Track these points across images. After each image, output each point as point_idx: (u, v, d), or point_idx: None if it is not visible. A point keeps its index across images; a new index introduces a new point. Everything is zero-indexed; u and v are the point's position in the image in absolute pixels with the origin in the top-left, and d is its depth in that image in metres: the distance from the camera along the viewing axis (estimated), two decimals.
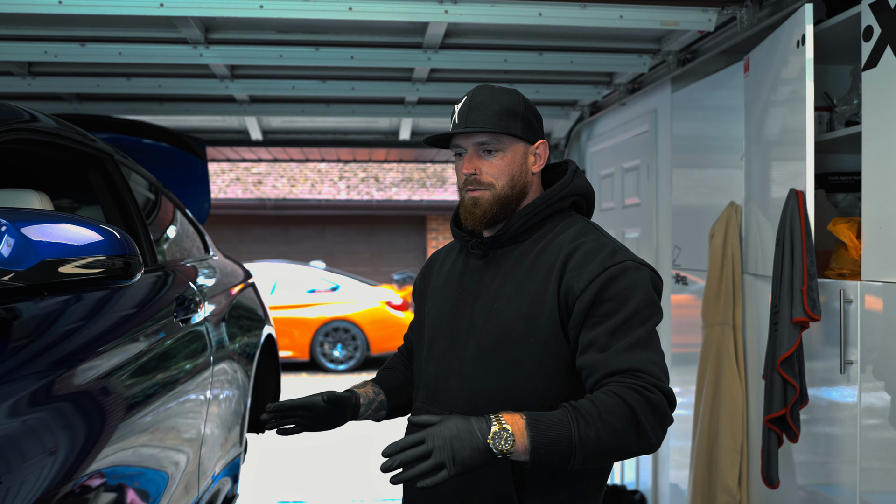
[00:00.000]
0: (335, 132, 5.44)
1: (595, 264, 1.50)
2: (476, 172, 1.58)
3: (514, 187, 1.60)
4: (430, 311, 1.71)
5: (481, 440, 1.32)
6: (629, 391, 1.39)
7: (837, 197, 3.01)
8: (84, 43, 3.24)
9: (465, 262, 1.69)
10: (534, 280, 1.55)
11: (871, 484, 2.39)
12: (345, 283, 11.51)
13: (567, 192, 1.64)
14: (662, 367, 1.45)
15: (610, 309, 1.47)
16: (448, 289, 1.69)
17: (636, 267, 1.52)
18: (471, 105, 1.58)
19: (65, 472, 1.46)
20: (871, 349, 2.36)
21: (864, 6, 2.37)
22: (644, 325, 1.47)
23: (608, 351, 1.44)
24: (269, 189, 14.81)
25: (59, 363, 1.59)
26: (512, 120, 1.58)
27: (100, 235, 1.62)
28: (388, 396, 1.80)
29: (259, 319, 3.68)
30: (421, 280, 1.83)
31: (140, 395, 1.96)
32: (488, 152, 1.58)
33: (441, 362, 1.63)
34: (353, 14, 2.67)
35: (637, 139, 4.33)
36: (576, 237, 1.57)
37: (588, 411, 1.37)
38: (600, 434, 1.35)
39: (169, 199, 3.18)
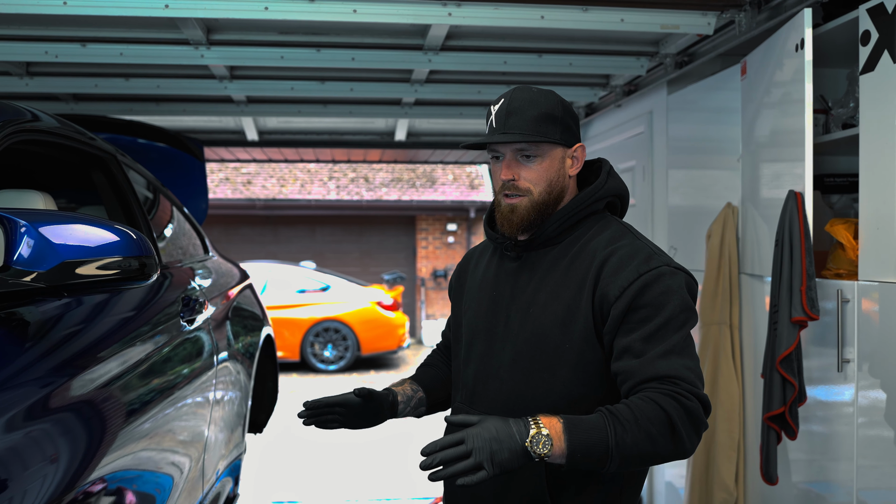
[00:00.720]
0: (331, 132, 5.44)
1: (630, 270, 1.49)
2: (514, 178, 1.57)
3: (551, 193, 1.59)
4: (466, 313, 1.72)
5: (519, 443, 1.33)
6: (666, 398, 1.39)
7: (832, 198, 3.06)
8: (85, 43, 3.24)
9: (500, 263, 1.69)
10: (569, 286, 1.55)
11: (867, 481, 2.43)
12: (335, 283, 11.50)
13: (601, 194, 1.63)
14: (698, 373, 1.45)
15: (645, 315, 1.46)
16: (483, 290, 1.69)
17: (671, 272, 1.51)
18: (509, 109, 1.56)
19: (70, 478, 1.46)
20: (868, 348, 2.40)
21: (861, 11, 2.41)
22: (679, 331, 1.46)
23: (643, 357, 1.44)
24: (258, 189, 14.77)
25: (66, 365, 1.58)
26: (550, 125, 1.56)
27: (116, 236, 1.63)
28: (426, 393, 1.82)
29: (259, 320, 3.69)
30: (457, 279, 1.84)
31: (147, 397, 1.96)
32: (527, 158, 1.57)
33: (479, 365, 1.64)
34: (357, 16, 2.69)
35: (633, 140, 4.37)
36: (610, 241, 1.56)
37: (625, 416, 1.37)
38: (637, 439, 1.36)
39: (169, 199, 3.18)
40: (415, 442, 6.31)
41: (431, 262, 14.99)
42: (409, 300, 14.85)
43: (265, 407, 4.04)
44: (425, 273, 14.92)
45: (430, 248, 15.03)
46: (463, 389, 1.69)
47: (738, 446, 3.12)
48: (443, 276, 14.75)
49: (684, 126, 3.80)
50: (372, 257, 15.06)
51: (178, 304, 2.42)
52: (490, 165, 1.66)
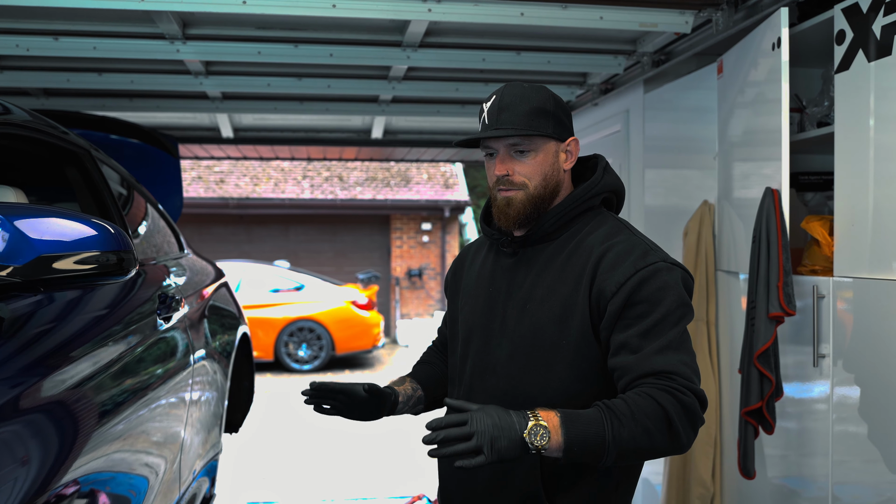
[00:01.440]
0: (307, 130, 5.41)
1: (627, 266, 1.50)
2: (509, 174, 1.57)
3: (546, 187, 1.59)
4: (463, 309, 1.72)
5: (518, 433, 1.34)
6: (662, 393, 1.40)
7: (807, 196, 3.10)
8: (57, 37, 3.18)
9: (496, 259, 1.69)
10: (565, 282, 1.55)
11: (842, 475, 2.47)
12: (309, 282, 11.44)
13: (598, 189, 1.63)
14: (694, 369, 1.46)
15: (642, 311, 1.47)
16: (480, 287, 1.69)
17: (668, 268, 1.51)
18: (501, 105, 1.57)
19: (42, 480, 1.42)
20: (843, 343, 2.44)
21: (836, 11, 2.45)
22: (676, 327, 1.47)
23: (640, 353, 1.45)
24: (231, 188, 14.64)
25: (38, 364, 1.55)
26: (543, 119, 1.57)
27: (94, 230, 1.60)
28: (425, 391, 1.82)
29: (235, 318, 3.66)
30: (452, 276, 1.83)
31: (122, 397, 1.92)
32: (520, 153, 1.57)
33: (476, 361, 1.65)
34: (336, 11, 2.67)
35: (609, 139, 4.39)
36: (607, 237, 1.57)
37: (622, 411, 1.38)
38: (633, 434, 1.37)
39: (144, 196, 3.14)
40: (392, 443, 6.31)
41: (406, 261, 14.97)
42: (384, 299, 14.81)
43: (241, 407, 4.00)
44: (400, 272, 14.89)
45: (405, 248, 15.01)
46: (460, 385, 1.69)
47: (715, 442, 3.15)
48: (417, 275, 14.73)
49: (660, 125, 3.82)
50: (346, 257, 15.00)
51: (153, 302, 2.38)
52: (485, 162, 1.66)
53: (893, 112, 2.24)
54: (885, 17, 2.25)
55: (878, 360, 2.28)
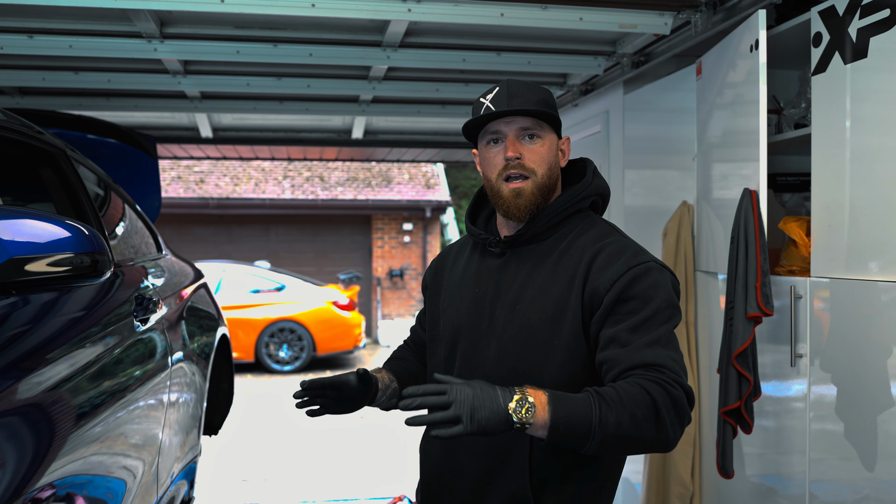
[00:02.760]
0: (287, 130, 5.38)
1: (620, 264, 1.51)
2: (520, 157, 1.56)
3: (551, 177, 1.59)
4: (445, 311, 1.70)
5: (502, 405, 1.31)
6: (652, 384, 1.39)
7: (784, 197, 3.12)
8: (32, 35, 3.13)
9: (482, 260, 1.67)
10: (557, 282, 1.54)
11: (819, 473, 2.49)
12: (290, 283, 11.39)
13: (588, 191, 1.63)
14: (682, 366, 1.46)
15: (633, 307, 1.47)
16: (464, 288, 1.67)
17: (659, 268, 1.53)
18: (510, 93, 1.57)
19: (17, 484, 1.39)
20: (820, 343, 2.46)
21: (813, 13, 2.47)
22: (665, 325, 1.47)
23: (630, 346, 1.44)
24: (211, 188, 14.54)
25: (12, 367, 1.52)
26: (551, 110, 1.59)
27: (68, 232, 1.58)
28: (400, 384, 1.79)
29: (214, 319, 3.63)
30: (432, 277, 1.81)
31: (98, 400, 1.90)
32: (531, 137, 1.57)
33: (463, 363, 1.63)
34: (315, 10, 2.65)
35: (589, 140, 4.41)
36: (598, 239, 1.57)
37: (611, 397, 1.36)
38: (620, 420, 1.35)
39: (121, 196, 3.11)
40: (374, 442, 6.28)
41: (387, 261, 14.94)
42: (365, 300, 14.77)
43: (221, 408, 3.97)
44: (381, 273, 14.86)
45: (386, 248, 14.98)
46: None
47: (695, 441, 3.17)
48: (398, 275, 14.71)
49: (640, 126, 3.84)
50: (327, 257, 14.94)
51: (130, 304, 2.35)
52: (481, 153, 1.64)
53: (869, 114, 2.26)
54: (861, 19, 2.27)
55: (854, 359, 2.30)
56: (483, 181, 1.66)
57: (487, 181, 1.63)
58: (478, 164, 1.69)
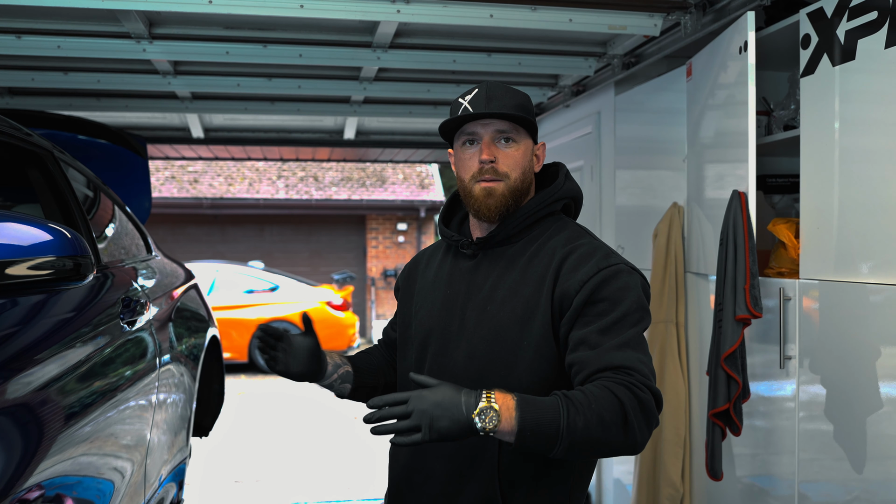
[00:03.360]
0: (278, 130, 5.36)
1: (590, 266, 1.51)
2: (494, 160, 1.56)
3: (524, 182, 1.59)
4: (418, 313, 1.70)
5: (465, 413, 1.32)
6: (620, 386, 1.39)
7: (774, 198, 3.12)
8: (20, 35, 3.12)
9: (454, 262, 1.68)
10: (527, 283, 1.55)
11: (808, 474, 2.49)
12: (284, 283, 11.37)
13: (560, 194, 1.64)
14: (651, 369, 1.46)
15: (603, 309, 1.48)
16: (437, 290, 1.68)
17: (629, 271, 1.53)
18: (489, 95, 1.57)
19: (4, 486, 1.39)
20: (809, 345, 2.46)
21: (802, 15, 2.47)
22: (634, 327, 1.47)
23: (599, 348, 1.44)
24: (205, 188, 14.51)
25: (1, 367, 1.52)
26: (528, 115, 1.59)
27: (49, 235, 1.57)
28: (355, 372, 1.79)
29: (203, 321, 3.61)
30: (405, 280, 1.81)
31: (85, 401, 1.89)
32: (506, 141, 1.57)
33: (433, 365, 1.63)
34: (304, 11, 2.64)
35: (581, 140, 4.40)
36: (568, 241, 1.58)
37: (579, 400, 1.36)
38: (588, 423, 1.35)
39: (110, 197, 3.09)
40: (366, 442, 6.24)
41: (382, 261, 14.93)
42: (360, 300, 14.76)
43: (211, 410, 3.96)
44: (375, 273, 14.85)
45: (381, 248, 14.97)
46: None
47: (685, 443, 3.17)
48: (393, 275, 14.70)
49: (631, 126, 3.84)
50: (322, 257, 14.93)
51: (118, 306, 2.34)
52: (456, 153, 1.64)
53: (858, 116, 2.26)
54: (849, 21, 2.27)
55: (843, 361, 2.30)
56: (457, 182, 1.67)
57: (461, 182, 1.63)
58: (453, 165, 1.69)
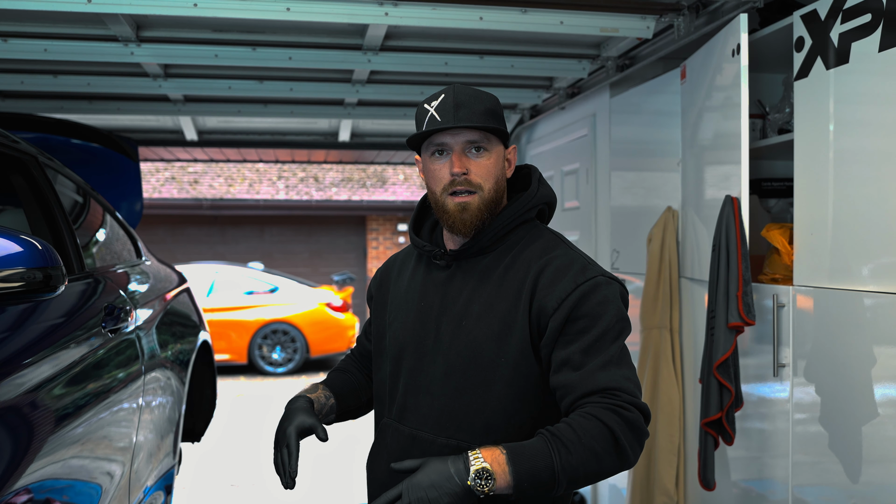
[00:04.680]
0: (273, 133, 5.33)
1: (567, 281, 1.47)
2: (467, 172, 1.51)
3: (497, 191, 1.55)
4: (391, 325, 1.65)
5: (459, 484, 1.32)
6: (607, 412, 1.37)
7: (770, 202, 3.08)
8: (7, 38, 3.09)
9: (427, 272, 1.63)
10: (503, 298, 1.51)
11: (802, 482, 2.45)
12: (283, 284, 11.34)
13: (535, 202, 1.59)
14: (636, 383, 1.45)
15: (583, 326, 1.45)
16: (409, 301, 1.63)
17: (606, 282, 1.49)
18: (457, 101, 1.51)
19: None
20: (803, 352, 2.42)
21: (795, 17, 2.43)
22: (616, 342, 1.45)
23: (583, 370, 1.42)
24: (205, 189, 14.49)
25: None
26: (498, 121, 1.54)
27: (19, 246, 1.54)
28: (337, 400, 1.75)
29: (194, 325, 3.58)
30: (377, 288, 1.75)
31: (67, 409, 1.87)
32: (477, 150, 1.52)
33: (408, 379, 1.59)
34: (290, 14, 2.61)
35: (576, 143, 4.36)
36: (544, 251, 1.54)
37: (568, 437, 1.35)
38: (582, 459, 1.34)
39: (98, 202, 3.06)
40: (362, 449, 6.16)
41: (382, 262, 14.88)
42: (360, 301, 14.73)
43: (203, 415, 3.93)
44: None
45: (381, 249, 14.94)
46: (391, 404, 1.62)
47: (679, 450, 3.13)
48: None
49: (627, 128, 3.80)
50: (322, 258, 14.90)
51: (101, 312, 2.31)
52: (425, 164, 1.57)
53: (852, 120, 2.22)
54: (843, 24, 2.23)
55: (837, 369, 2.26)
56: (428, 192, 1.60)
57: (432, 193, 1.57)
58: (419, 172, 1.63)
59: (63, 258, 2.37)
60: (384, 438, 1.63)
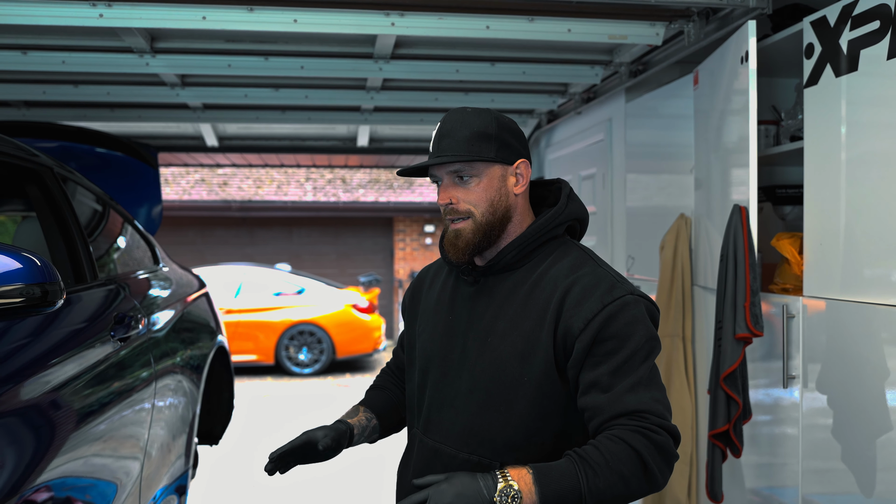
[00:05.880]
0: (292, 138, 5.36)
1: (593, 301, 1.45)
2: (452, 202, 1.52)
3: (495, 213, 1.53)
4: (420, 336, 1.66)
5: (487, 498, 1.32)
6: (635, 435, 1.36)
7: (785, 209, 3.04)
8: (26, 51, 3.15)
9: (456, 286, 1.63)
10: (528, 316, 1.50)
11: (812, 496, 2.41)
12: (310, 285, 11.42)
13: (562, 219, 1.57)
14: (665, 404, 1.43)
15: (611, 348, 1.42)
16: (439, 314, 1.64)
17: (635, 301, 1.46)
18: (441, 132, 1.53)
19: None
20: (813, 364, 2.38)
21: (805, 23, 2.39)
22: (645, 362, 1.43)
23: (611, 392, 1.41)
24: (234, 190, 14.64)
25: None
26: (484, 143, 1.51)
27: (18, 263, 1.57)
28: (379, 420, 1.77)
29: (210, 330, 3.62)
30: (410, 298, 1.77)
31: (75, 416, 1.91)
32: (463, 179, 1.52)
33: (434, 393, 1.59)
34: (298, 26, 2.63)
35: (593, 148, 4.34)
36: (571, 270, 1.51)
37: (595, 460, 1.35)
38: (609, 482, 1.34)
39: (115, 210, 3.11)
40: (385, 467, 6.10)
41: (409, 263, 14.92)
42: (387, 302, 14.78)
43: (221, 418, 3.97)
44: (403, 275, 14.85)
45: (408, 250, 14.97)
46: (418, 416, 1.64)
47: (691, 460, 3.10)
48: None
49: (642, 133, 3.77)
50: (349, 259, 14.97)
51: (111, 321, 2.35)
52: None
53: (862, 128, 2.18)
54: (852, 31, 2.19)
55: (849, 382, 2.22)
56: None
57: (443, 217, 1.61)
58: None
59: (75, 267, 2.42)
60: (412, 449, 1.65)
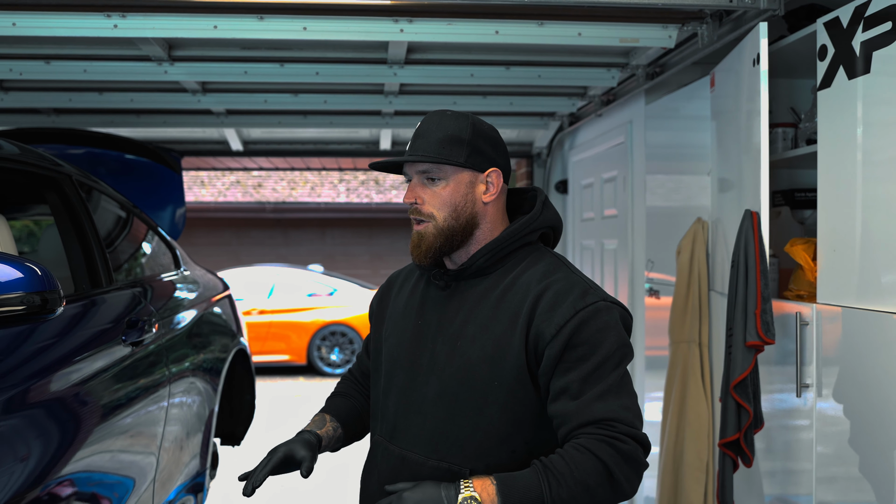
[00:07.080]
0: (315, 142, 5.40)
1: (566, 307, 1.44)
2: (416, 202, 1.53)
3: (458, 219, 1.52)
4: (387, 340, 1.64)
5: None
6: (601, 444, 1.36)
7: (804, 213, 2.98)
8: (49, 61, 3.23)
9: (426, 290, 1.62)
10: (499, 321, 1.49)
11: (826, 499, 2.36)
12: (342, 286, 11.51)
13: (536, 225, 1.57)
14: (636, 412, 1.42)
15: (582, 354, 1.42)
16: (407, 318, 1.62)
17: (607, 307, 1.46)
18: (417, 132, 1.54)
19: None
20: (828, 373, 2.32)
21: (818, 25, 2.34)
22: (616, 369, 1.43)
23: (581, 399, 1.40)
24: (268, 192, 14.82)
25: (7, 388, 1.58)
26: (455, 147, 1.51)
27: (19, 272, 1.61)
28: (344, 429, 1.76)
29: (230, 333, 3.66)
30: (378, 302, 1.75)
31: (86, 417, 1.95)
32: (431, 181, 1.52)
33: (400, 398, 1.58)
34: (307, 34, 2.65)
35: (614, 150, 4.30)
36: (544, 275, 1.51)
37: (560, 470, 1.35)
38: (573, 493, 1.34)
39: (136, 215, 3.16)
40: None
41: None
42: None
43: (243, 420, 4.02)
44: None
45: None
46: (383, 422, 1.62)
47: (707, 467, 3.05)
48: None
49: (662, 135, 3.72)
50: (382, 260, 15.06)
51: (122, 326, 2.40)
52: None
53: (877, 131, 2.12)
54: (865, 32, 2.14)
55: (865, 391, 2.16)
56: None
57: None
58: None
59: (91, 271, 2.47)
60: (375, 456, 1.64)
